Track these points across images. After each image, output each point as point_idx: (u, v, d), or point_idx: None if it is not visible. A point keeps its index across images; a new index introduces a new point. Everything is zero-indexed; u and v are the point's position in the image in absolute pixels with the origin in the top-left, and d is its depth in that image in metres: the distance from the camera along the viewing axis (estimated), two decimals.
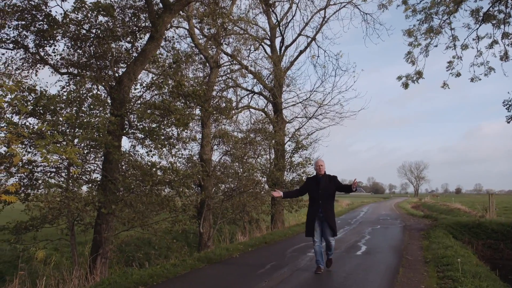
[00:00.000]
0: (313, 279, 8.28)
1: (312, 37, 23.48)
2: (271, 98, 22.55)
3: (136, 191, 10.39)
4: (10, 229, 10.32)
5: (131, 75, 10.96)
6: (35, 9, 11.46)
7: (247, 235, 16.49)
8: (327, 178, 8.59)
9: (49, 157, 7.04)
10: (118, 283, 7.72)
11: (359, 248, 12.63)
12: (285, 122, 22.52)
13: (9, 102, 9.02)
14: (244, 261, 10.53)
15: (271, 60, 22.47)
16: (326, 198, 8.49)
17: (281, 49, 23.55)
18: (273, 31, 23.45)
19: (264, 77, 22.39)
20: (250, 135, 18.30)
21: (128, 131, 10.89)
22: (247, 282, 7.99)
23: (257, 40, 21.64)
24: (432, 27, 17.30)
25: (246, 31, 20.99)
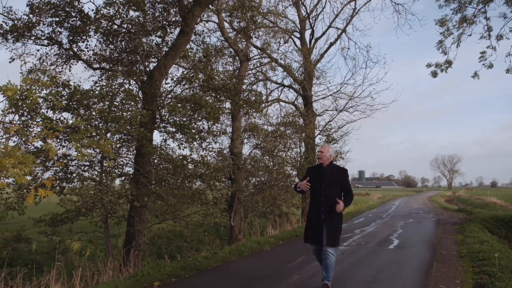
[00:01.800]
0: (345, 272, 8.22)
1: (342, 29, 23.19)
2: (301, 91, 22.40)
3: (167, 184, 10.48)
4: (47, 221, 10.58)
5: (162, 70, 11.04)
6: (68, 5, 11.65)
7: (277, 229, 16.49)
8: (334, 170, 6.75)
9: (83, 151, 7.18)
10: (151, 275, 7.81)
11: (391, 242, 12.47)
12: (315, 115, 22.35)
13: (45, 98, 9.23)
14: (275, 254, 10.53)
15: (301, 53, 22.30)
16: (331, 195, 6.49)
17: (311, 42, 23.35)
18: (303, 23, 23.26)
19: (294, 70, 22.26)
20: (280, 128, 18.22)
21: (160, 125, 10.99)
22: (279, 275, 7.98)
23: (286, 33, 21.51)
24: (465, 17, 16.86)
25: (276, 24, 20.88)
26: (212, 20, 18.29)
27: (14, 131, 6.73)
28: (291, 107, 22.92)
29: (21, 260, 11.12)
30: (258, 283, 7.48)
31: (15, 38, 12.05)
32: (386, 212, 28.00)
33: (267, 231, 16.44)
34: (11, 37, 11.99)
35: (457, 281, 7.41)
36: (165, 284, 7.51)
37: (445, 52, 17.60)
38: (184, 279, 7.89)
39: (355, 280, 7.53)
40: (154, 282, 7.47)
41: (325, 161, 6.72)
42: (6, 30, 11.75)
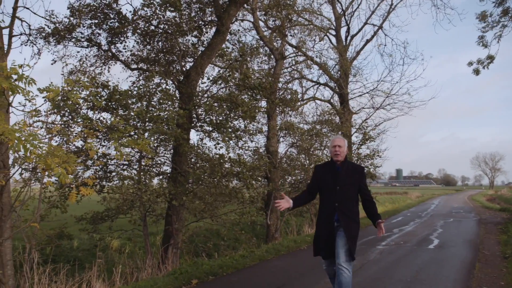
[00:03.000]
0: (383, 272, 8.10)
1: (379, 26, 22.85)
2: (337, 89, 22.19)
3: (205, 183, 10.56)
4: (88, 220, 10.84)
5: (198, 69, 11.12)
6: (107, 7, 11.89)
7: (314, 227, 16.38)
8: (350, 167, 5.42)
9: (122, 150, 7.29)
10: (189, 273, 7.89)
11: (431, 242, 12.23)
12: (351, 113, 22.11)
13: (85, 98, 9.45)
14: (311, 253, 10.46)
15: (337, 50, 22.08)
16: (347, 198, 5.28)
17: (347, 39, 23.10)
18: (338, 20, 23.03)
19: (329, 67, 22.06)
20: (316, 126, 18.10)
21: (196, 124, 11.09)
22: (316, 274, 7.93)
23: (322, 30, 21.33)
24: (507, 10, 16.33)
25: (311, 22, 20.73)
26: (247, 19, 18.32)
27: (56, 131, 6.90)
28: (327, 105, 22.72)
29: (63, 257, 11.42)
30: (296, 282, 7.45)
31: (56, 41, 12.39)
32: (425, 211, 27.47)
33: (304, 230, 16.38)
34: (53, 40, 12.33)
35: (502, 283, 7.19)
36: (203, 282, 7.57)
37: (485, 45, 17.10)
38: (222, 277, 7.93)
39: (394, 280, 7.41)
40: (192, 280, 7.54)
41: (342, 157, 5.42)
42: (48, 33, 12.09)
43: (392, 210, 28.12)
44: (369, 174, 20.00)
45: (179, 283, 7.34)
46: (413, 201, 42.29)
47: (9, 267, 6.14)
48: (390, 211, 26.68)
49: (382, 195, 45.22)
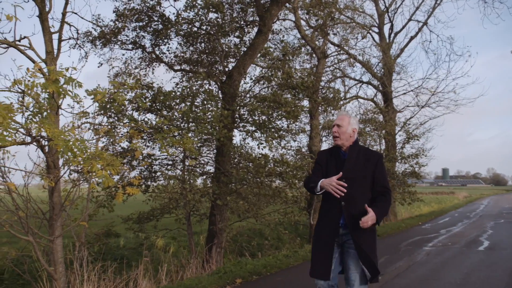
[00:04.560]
0: (431, 274, 7.91)
1: (424, 22, 22.34)
2: (381, 87, 21.84)
3: (248, 183, 10.58)
4: (134, 219, 11.06)
5: (240, 69, 11.16)
6: (151, 10, 12.10)
7: None
8: (360, 154, 4.11)
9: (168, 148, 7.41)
10: (233, 272, 7.93)
11: (480, 243, 11.85)
12: (395, 111, 21.72)
13: (130, 100, 9.64)
14: None
15: (380, 48, 21.73)
16: (357, 196, 3.92)
17: (390, 36, 22.69)
18: (381, 17, 22.64)
19: (372, 65, 21.73)
20: (359, 125, 17.86)
21: (239, 124, 11.13)
22: None
23: (364, 28, 21.04)
24: None
25: (353, 20, 20.48)
26: (288, 18, 18.28)
27: (103, 132, 7.07)
28: (370, 103, 22.43)
29: (110, 255, 11.67)
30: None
31: (102, 44, 12.72)
32: (474, 211, 26.66)
33: None
34: (99, 43, 12.67)
35: None
36: (247, 281, 7.59)
37: None
38: (266, 277, 7.94)
39: (443, 282, 7.22)
40: (236, 279, 7.57)
41: (344, 141, 4.11)
42: (95, 36, 12.43)
43: (439, 210, 27.43)
44: (414, 173, 19.59)
45: (223, 282, 7.38)
46: (461, 201, 41.09)
47: (60, 264, 6.32)
48: (437, 211, 26.03)
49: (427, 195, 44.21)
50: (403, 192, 19.45)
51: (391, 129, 19.68)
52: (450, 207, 31.17)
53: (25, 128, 5.56)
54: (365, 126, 18.05)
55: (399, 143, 20.69)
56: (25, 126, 5.42)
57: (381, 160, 4.11)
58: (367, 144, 18.34)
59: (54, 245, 6.25)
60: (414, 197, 19.12)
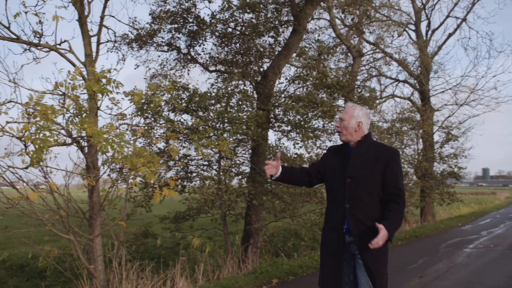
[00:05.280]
0: (473, 276, 7.70)
1: (462, 18, 21.81)
2: (417, 86, 21.45)
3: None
4: (170, 219, 11.19)
5: (275, 69, 11.15)
6: (186, 12, 12.23)
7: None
8: (370, 150, 3.63)
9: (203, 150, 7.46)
10: (269, 272, 7.92)
11: None
12: (433, 110, 21.28)
13: (167, 101, 9.76)
14: (394, 255, 10.16)
15: (417, 45, 21.34)
16: (362, 196, 3.52)
17: (427, 34, 22.24)
18: (418, 15, 22.22)
19: (409, 64, 21.39)
20: (396, 124, 17.59)
21: (274, 124, 11.12)
22: (399, 277, 7.69)
23: (401, 26, 20.71)
24: None
25: (389, 18, 20.19)
26: (323, 17, 18.17)
27: (140, 133, 7.17)
28: (407, 102, 22.08)
29: (148, 254, 11.85)
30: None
31: (139, 46, 12.93)
32: None
33: None
34: (135, 45, 12.88)
35: None
36: (284, 281, 7.57)
37: None
38: (302, 277, 7.90)
39: (486, 286, 7.02)
40: (273, 279, 7.56)
41: (348, 136, 3.68)
42: (131, 39, 12.64)
43: (479, 211, 26.72)
44: (453, 174, 19.18)
45: (260, 282, 7.38)
46: (502, 202, 39.89)
47: (99, 262, 6.44)
48: (477, 212, 25.37)
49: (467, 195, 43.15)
50: (442, 193, 19.06)
51: (428, 129, 19.32)
52: (491, 208, 30.32)
53: (65, 130, 5.70)
54: (402, 126, 17.75)
55: (437, 142, 20.29)
56: (66, 127, 5.55)
57: (395, 157, 3.57)
58: (404, 143, 18.03)
59: (94, 244, 6.38)
60: (453, 198, 18.72)
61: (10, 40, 6.39)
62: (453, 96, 21.82)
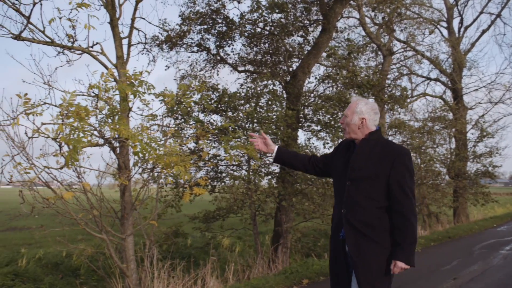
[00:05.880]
0: (510, 279, 7.51)
1: (497, 14, 21.32)
2: (450, 84, 21.08)
3: (314, 183, 10.50)
4: (200, 218, 11.26)
5: (305, 69, 11.10)
6: (215, 13, 12.30)
7: (427, 229, 15.69)
8: (376, 148, 3.24)
9: (231, 152, 7.48)
10: (299, 272, 7.89)
11: None
12: (466, 108, 20.88)
13: (196, 102, 9.82)
14: (427, 256, 10.00)
15: (449, 43, 20.95)
16: (361, 201, 3.17)
17: (460, 31, 21.81)
18: (450, 11, 21.81)
19: (441, 62, 21.03)
20: (428, 124, 17.31)
21: (304, 124, 11.07)
22: (433, 278, 7.57)
23: (432, 23, 20.37)
24: None
25: (420, 15, 19.87)
26: (353, 16, 18.03)
27: (171, 134, 7.23)
28: (439, 101, 21.72)
29: (178, 253, 11.94)
30: (411, 286, 7.14)
31: (169, 48, 13.06)
32: None
33: None
34: (166, 47, 13.02)
35: None
36: (314, 282, 7.53)
37: None
38: None
39: None
40: (303, 279, 7.53)
41: (351, 133, 3.35)
42: (162, 40, 12.77)
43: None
44: (487, 173, 18.77)
45: (290, 283, 7.36)
46: None
47: (131, 261, 6.53)
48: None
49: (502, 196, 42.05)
50: (476, 193, 18.67)
51: (461, 127, 18.96)
52: None
53: (98, 131, 5.80)
54: (433, 125, 17.46)
55: (471, 141, 19.88)
56: (100, 128, 5.64)
57: (402, 158, 3.11)
58: (436, 143, 17.73)
59: (126, 243, 6.46)
60: (488, 198, 18.31)
61: (45, 43, 6.53)
62: (487, 94, 21.42)
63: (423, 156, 16.21)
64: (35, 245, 14.52)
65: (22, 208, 5.20)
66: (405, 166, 3.10)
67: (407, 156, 3.14)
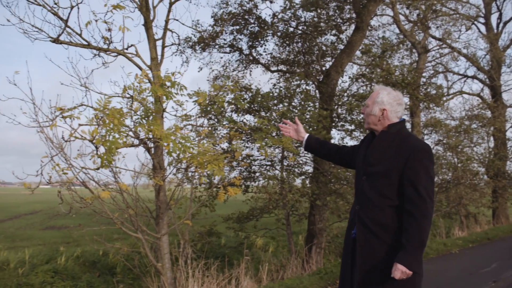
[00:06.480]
0: None
1: None
2: (488, 81, 20.54)
3: (348, 182, 10.40)
4: (234, 218, 11.31)
5: (338, 68, 11.01)
6: (247, 13, 12.32)
7: (465, 230, 15.33)
8: (394, 142, 3.00)
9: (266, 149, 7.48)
10: (334, 273, 7.83)
11: None
12: (505, 106, 20.30)
13: (229, 102, 9.86)
14: (465, 258, 9.78)
15: (487, 39, 20.41)
16: (374, 198, 2.98)
17: (498, 26, 21.20)
18: (488, 7, 21.23)
19: (478, 58, 20.51)
20: (465, 122, 16.90)
21: (337, 124, 10.98)
22: (471, 281, 7.38)
23: (469, 19, 19.89)
24: None
25: (456, 11, 19.44)
26: (386, 13, 17.78)
27: (204, 134, 7.28)
28: (476, 99, 21.16)
29: (212, 253, 12.02)
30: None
31: (202, 48, 13.16)
32: None
33: (453, 233, 15.40)
34: (198, 48, 13.12)
35: None
36: None
37: None
38: None
39: None
40: (337, 280, 7.46)
41: (371, 124, 3.17)
42: (194, 41, 12.88)
43: None
44: None
45: (325, 283, 7.31)
46: None
47: (166, 260, 6.60)
48: None
49: None
50: None
51: (500, 126, 18.45)
52: None
53: (133, 132, 5.89)
54: (471, 123, 17.03)
55: (510, 140, 19.33)
56: (134, 129, 5.73)
57: (419, 155, 2.87)
58: (474, 142, 17.29)
59: (161, 242, 6.54)
60: None
61: (82, 46, 6.66)
62: None
63: (460, 156, 15.84)
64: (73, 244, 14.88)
65: (61, 207, 5.32)
66: (421, 164, 2.85)
67: (424, 153, 2.89)
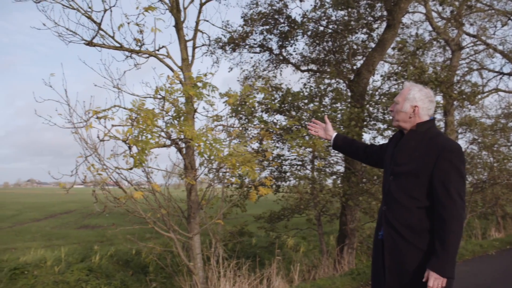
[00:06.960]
0: None
1: None
2: None
3: (379, 182, 10.28)
4: (265, 218, 11.31)
5: (369, 67, 10.87)
6: (277, 13, 12.30)
7: (502, 231, 14.95)
8: (423, 141, 2.90)
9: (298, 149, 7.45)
10: (366, 274, 7.73)
11: None
12: None
13: (260, 102, 9.87)
14: (503, 260, 9.53)
15: None
16: (401, 198, 2.89)
17: None
18: None
19: None
20: (501, 121, 16.49)
21: (369, 123, 10.84)
22: (509, 284, 7.18)
23: (506, 14, 19.37)
24: None
25: (492, 7, 18.95)
26: (418, 11, 17.49)
27: (235, 134, 7.30)
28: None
29: (243, 253, 12.05)
30: None
31: (232, 49, 13.20)
32: None
33: (489, 234, 15.04)
34: (228, 48, 13.17)
35: None
36: None
37: None
38: None
39: None
40: (369, 281, 7.36)
41: (400, 122, 3.05)
42: (224, 42, 12.93)
43: None
44: None
45: (357, 284, 7.24)
46: None
47: (198, 260, 6.65)
48: None
49: None
50: None
51: None
52: None
53: (165, 132, 5.95)
54: (507, 121, 16.61)
55: None
56: (166, 130, 5.79)
57: (449, 155, 2.75)
58: (511, 140, 16.83)
59: (193, 242, 6.59)
60: None
61: (115, 48, 6.77)
62: None
63: (496, 155, 15.44)
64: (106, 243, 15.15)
65: (95, 207, 5.41)
66: (451, 164, 2.74)
67: (455, 153, 2.77)
